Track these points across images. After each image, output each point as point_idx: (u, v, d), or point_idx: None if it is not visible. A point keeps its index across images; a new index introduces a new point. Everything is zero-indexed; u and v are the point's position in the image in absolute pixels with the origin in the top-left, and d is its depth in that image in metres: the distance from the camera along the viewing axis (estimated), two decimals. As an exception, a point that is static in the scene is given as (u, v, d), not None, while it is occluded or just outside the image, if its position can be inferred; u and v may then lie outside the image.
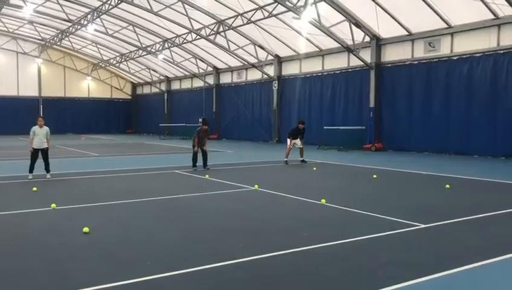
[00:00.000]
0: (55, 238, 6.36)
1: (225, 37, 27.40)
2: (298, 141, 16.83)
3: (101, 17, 28.98)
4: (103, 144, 29.26)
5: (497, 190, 10.80)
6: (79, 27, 32.02)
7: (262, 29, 25.38)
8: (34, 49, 42.49)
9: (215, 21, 26.22)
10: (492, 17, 17.78)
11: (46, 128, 12.44)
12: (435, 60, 20.32)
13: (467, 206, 8.59)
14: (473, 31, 18.78)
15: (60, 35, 36.55)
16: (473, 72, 18.88)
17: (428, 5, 18.38)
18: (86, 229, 6.46)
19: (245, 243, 6.06)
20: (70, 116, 44.34)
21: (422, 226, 6.91)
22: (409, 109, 21.39)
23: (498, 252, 5.52)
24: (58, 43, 39.64)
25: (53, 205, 8.20)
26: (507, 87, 17.80)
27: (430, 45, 20.52)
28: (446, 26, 19.48)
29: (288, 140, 16.85)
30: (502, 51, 17.95)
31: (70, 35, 35.76)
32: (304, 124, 17.24)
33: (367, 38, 22.46)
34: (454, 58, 19.55)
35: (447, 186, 10.65)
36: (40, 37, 39.53)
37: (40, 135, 12.29)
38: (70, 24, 32.44)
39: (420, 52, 20.97)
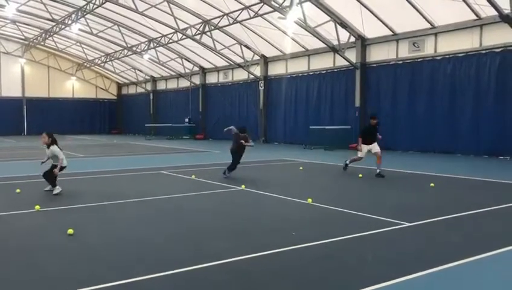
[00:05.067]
0: (39, 240, 6.29)
1: (211, 37, 27.34)
2: (374, 146, 12.88)
3: (86, 16, 28.68)
4: (88, 144, 28.98)
5: (480, 188, 10.96)
6: (63, 27, 31.67)
7: (248, 29, 25.39)
8: (17, 49, 41.90)
9: (201, 21, 26.15)
10: (475, 17, 18.03)
11: (52, 150, 10.04)
12: (419, 59, 20.54)
13: (451, 205, 8.69)
14: (456, 32, 19.03)
15: (43, 34, 36.10)
16: (456, 71, 19.13)
17: (413, 6, 18.56)
18: (70, 231, 6.40)
19: (232, 243, 6.06)
20: (55, 116, 43.70)
21: (407, 224, 6.97)
22: (393, 108, 21.59)
23: (481, 250, 5.60)
24: (42, 43, 39.16)
25: (37, 207, 8.10)
26: (489, 87, 18.07)
27: (414, 45, 20.73)
28: (430, 26, 19.70)
29: (361, 146, 13.02)
30: (484, 51, 18.20)
31: (54, 35, 35.37)
32: (375, 119, 13.21)
33: (352, 39, 22.61)
34: (438, 58, 19.79)
35: (432, 184, 10.77)
36: (23, 37, 39.00)
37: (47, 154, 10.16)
38: (54, 24, 32.07)
39: (405, 52, 21.17)
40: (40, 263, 5.28)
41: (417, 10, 18.81)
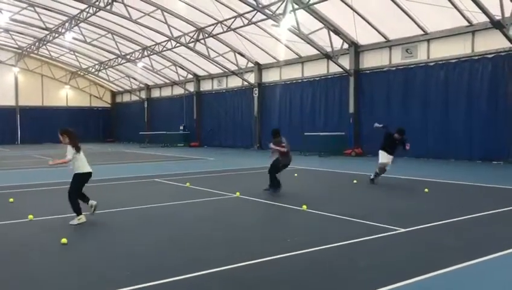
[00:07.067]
0: (33, 250, 6.24)
1: (205, 45, 27.39)
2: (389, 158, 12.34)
3: (79, 25, 28.68)
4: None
5: (474, 193, 10.99)
6: (57, 35, 31.62)
7: (242, 36, 25.47)
8: (11, 58, 41.76)
9: (194, 28, 26.21)
10: (467, 24, 18.19)
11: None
12: (412, 66, 20.66)
13: (446, 210, 8.71)
14: (448, 38, 19.17)
15: (37, 43, 36.03)
16: (449, 77, 19.26)
17: (405, 13, 18.70)
18: (63, 241, 6.35)
19: (227, 250, 6.04)
20: (49, 125, 43.20)
21: (402, 230, 6.98)
22: (387, 114, 21.61)
23: (476, 255, 5.61)
24: (36, 52, 39.07)
25: (30, 217, 8.04)
26: (482, 92, 18.19)
27: (407, 51, 20.86)
28: (422, 32, 19.84)
29: (383, 154, 12.38)
30: (476, 57, 18.35)
31: (48, 44, 35.28)
32: (402, 135, 12.39)
33: (345, 45, 22.72)
34: (431, 64, 19.91)
35: (426, 190, 10.80)
36: (16, 46, 38.88)
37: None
38: (47, 32, 32.02)
39: (398, 58, 21.30)
40: (33, 273, 5.23)
41: (410, 17, 18.96)
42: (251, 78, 29.70)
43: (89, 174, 8.07)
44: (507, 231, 7.03)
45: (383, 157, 12.32)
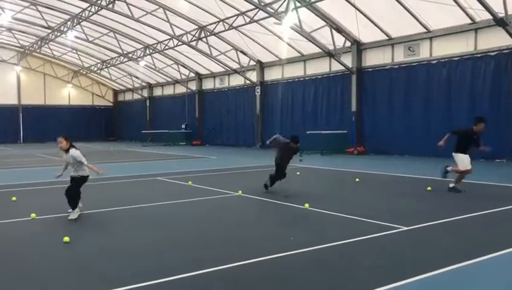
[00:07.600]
0: (35, 249, 6.25)
1: (207, 43, 27.39)
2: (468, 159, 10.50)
3: (81, 23, 28.71)
4: (85, 152, 28.82)
5: (476, 191, 10.96)
6: (59, 34, 31.66)
7: (244, 34, 25.44)
8: (13, 57, 41.81)
9: (196, 27, 26.21)
10: (469, 21, 18.12)
11: (72, 154, 8.47)
12: (414, 64, 20.61)
13: (448, 208, 8.69)
14: (451, 36, 19.12)
15: (39, 42, 36.09)
16: (452, 75, 19.20)
17: (408, 10, 18.65)
18: (66, 239, 6.36)
19: (228, 249, 6.04)
20: (51, 124, 43.42)
21: (405, 228, 6.97)
22: (390, 112, 21.64)
23: (478, 254, 5.59)
24: (38, 51, 39.13)
25: (33, 215, 8.06)
26: (484, 90, 18.13)
27: (409, 49, 20.82)
28: (425, 30, 19.79)
29: (462, 157, 10.61)
30: (479, 55, 18.28)
31: (50, 42, 35.34)
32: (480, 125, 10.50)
33: (348, 43, 22.68)
34: (434, 62, 19.86)
35: (429, 188, 10.78)
36: (19, 45, 38.96)
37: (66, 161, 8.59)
38: (50, 31, 32.05)
39: (400, 56, 21.25)
40: (34, 272, 5.24)
41: (412, 15, 18.90)
42: (253, 76, 29.68)
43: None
44: (509, 230, 7.01)
45: (465, 159, 10.52)
